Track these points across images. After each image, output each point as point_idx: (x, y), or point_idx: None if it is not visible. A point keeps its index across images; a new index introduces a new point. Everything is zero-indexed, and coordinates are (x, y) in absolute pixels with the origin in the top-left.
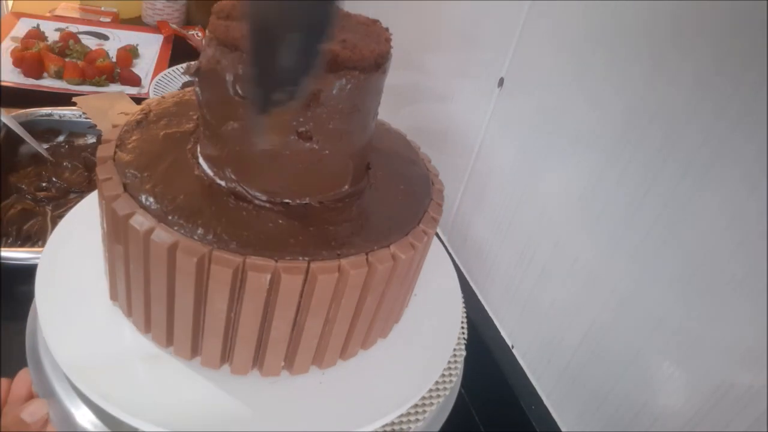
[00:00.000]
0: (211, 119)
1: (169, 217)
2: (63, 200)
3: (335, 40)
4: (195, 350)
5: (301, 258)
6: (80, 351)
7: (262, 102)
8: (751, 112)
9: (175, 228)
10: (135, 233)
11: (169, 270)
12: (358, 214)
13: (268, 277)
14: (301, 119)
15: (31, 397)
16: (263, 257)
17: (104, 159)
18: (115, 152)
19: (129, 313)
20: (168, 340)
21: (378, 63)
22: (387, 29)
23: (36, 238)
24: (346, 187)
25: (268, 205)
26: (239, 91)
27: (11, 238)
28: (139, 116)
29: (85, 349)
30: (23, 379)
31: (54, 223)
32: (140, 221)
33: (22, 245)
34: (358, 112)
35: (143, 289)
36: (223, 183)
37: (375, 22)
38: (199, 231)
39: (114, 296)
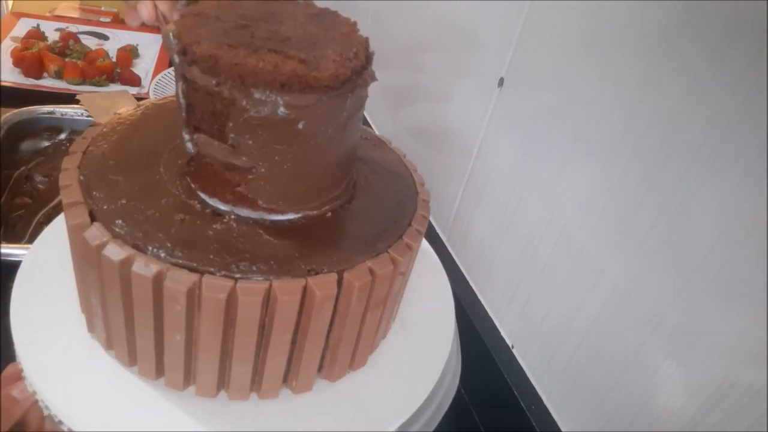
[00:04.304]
0: (264, 168)
1: (124, 231)
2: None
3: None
4: (160, 370)
5: (262, 277)
6: (54, 371)
7: None
8: (751, 112)
9: (129, 243)
10: (89, 247)
11: (124, 290)
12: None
13: (225, 297)
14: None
15: (20, 378)
16: (222, 276)
17: (68, 173)
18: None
19: (109, 346)
20: (154, 368)
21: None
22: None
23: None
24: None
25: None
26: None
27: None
28: (110, 127)
29: (58, 368)
30: (14, 365)
31: (50, 219)
32: (94, 234)
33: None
34: None
35: (126, 325)
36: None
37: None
38: (151, 248)
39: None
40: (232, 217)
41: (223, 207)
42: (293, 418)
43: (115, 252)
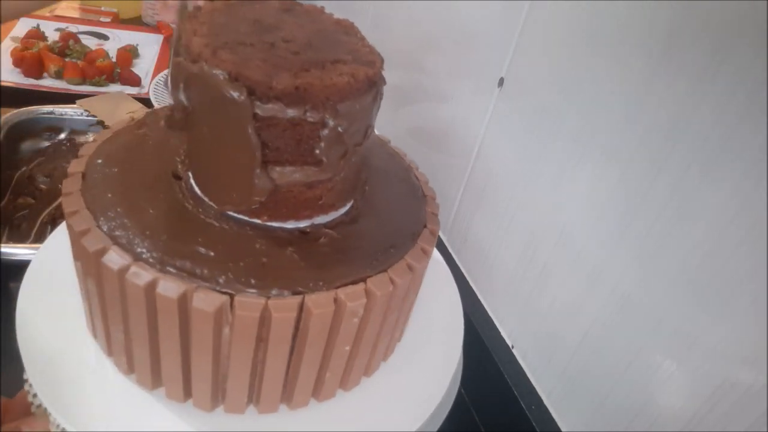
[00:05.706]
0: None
1: (140, 248)
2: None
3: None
4: (157, 382)
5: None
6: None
7: None
8: (751, 113)
9: (149, 259)
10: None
11: (150, 313)
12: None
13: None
14: None
15: (28, 412)
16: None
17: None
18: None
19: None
20: (153, 379)
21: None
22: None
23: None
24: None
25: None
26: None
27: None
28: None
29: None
30: (23, 395)
31: (55, 222)
32: (93, 240)
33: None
34: None
35: (134, 337)
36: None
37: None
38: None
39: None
40: (321, 228)
41: (302, 224)
42: (315, 425)
43: (251, 305)
